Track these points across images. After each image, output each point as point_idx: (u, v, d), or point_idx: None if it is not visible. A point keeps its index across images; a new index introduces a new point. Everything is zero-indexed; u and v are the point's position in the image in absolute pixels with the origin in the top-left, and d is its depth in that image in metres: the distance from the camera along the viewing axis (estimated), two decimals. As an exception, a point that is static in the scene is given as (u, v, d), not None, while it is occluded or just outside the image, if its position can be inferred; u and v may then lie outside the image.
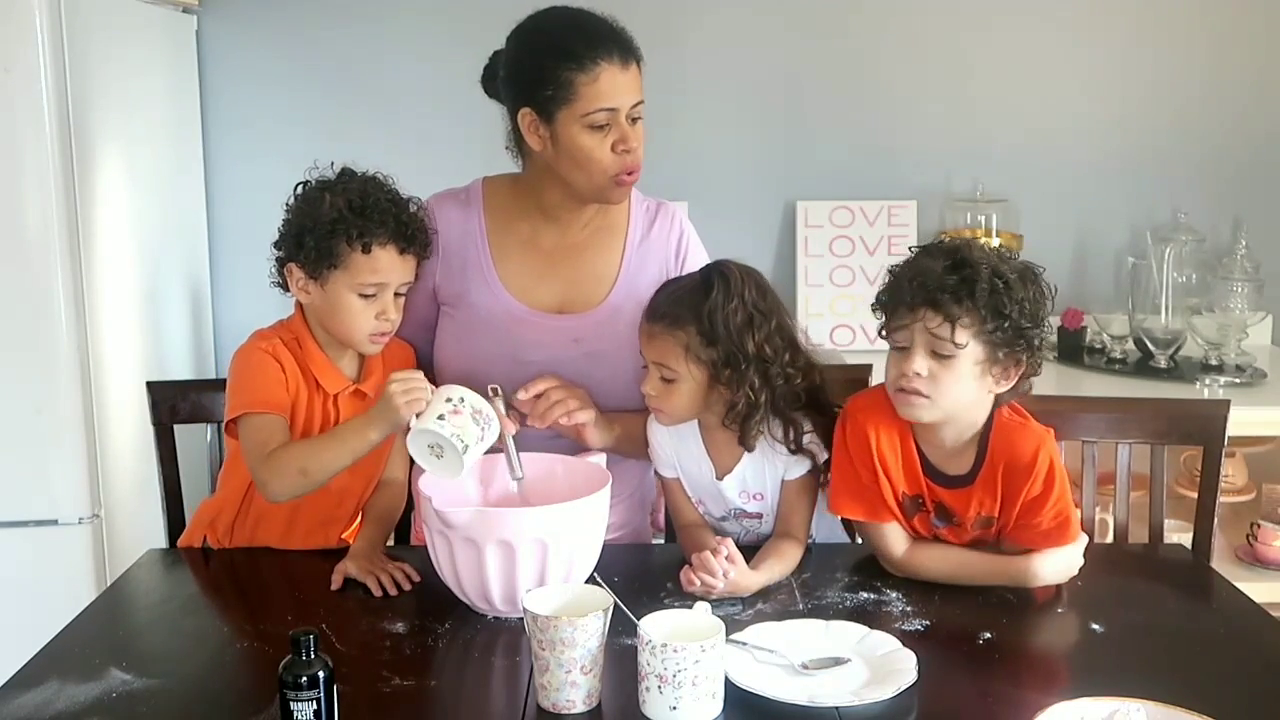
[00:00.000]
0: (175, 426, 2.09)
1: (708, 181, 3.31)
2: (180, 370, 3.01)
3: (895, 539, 1.77)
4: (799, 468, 1.83)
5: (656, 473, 1.95)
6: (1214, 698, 1.39)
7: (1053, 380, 3.11)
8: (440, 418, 1.62)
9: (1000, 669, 1.54)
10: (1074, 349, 3.23)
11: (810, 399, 1.82)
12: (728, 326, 1.73)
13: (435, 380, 1.99)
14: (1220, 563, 2.30)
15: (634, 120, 1.85)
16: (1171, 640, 1.62)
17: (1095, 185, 3.37)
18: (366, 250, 1.79)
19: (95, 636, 1.64)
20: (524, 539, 1.58)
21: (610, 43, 1.83)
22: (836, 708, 1.41)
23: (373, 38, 3.26)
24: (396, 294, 1.85)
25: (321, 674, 1.32)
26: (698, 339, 1.74)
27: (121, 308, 2.72)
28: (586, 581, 1.61)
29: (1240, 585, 1.83)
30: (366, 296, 1.81)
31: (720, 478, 1.85)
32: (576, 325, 1.96)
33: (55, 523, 2.54)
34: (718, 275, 1.78)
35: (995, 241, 3.22)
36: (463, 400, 1.64)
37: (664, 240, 2.03)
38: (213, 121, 3.26)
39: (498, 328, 1.94)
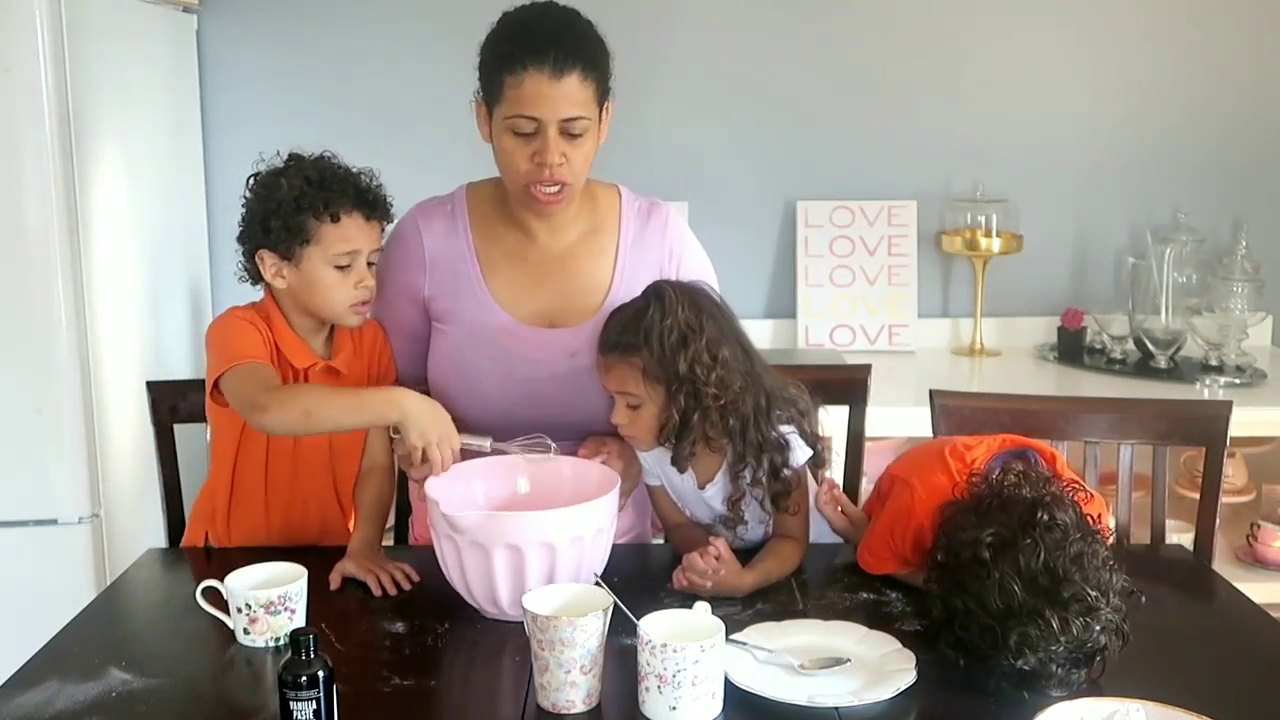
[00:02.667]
0: (175, 426, 2.09)
1: (708, 181, 3.31)
2: (180, 370, 3.00)
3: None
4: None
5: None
6: (1214, 698, 1.39)
7: (1053, 380, 3.11)
8: (246, 632, 1.59)
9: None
10: (1074, 349, 3.23)
11: (741, 427, 1.75)
12: (662, 345, 1.72)
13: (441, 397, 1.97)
14: (1220, 563, 2.30)
15: (571, 136, 1.79)
16: (1171, 640, 1.62)
17: (1095, 185, 3.37)
18: (335, 219, 1.80)
19: (95, 636, 1.64)
20: (531, 542, 1.57)
21: (546, 48, 1.75)
22: (836, 708, 1.41)
23: (373, 38, 3.26)
24: (369, 263, 1.86)
25: (321, 674, 1.32)
26: (652, 361, 1.73)
27: (121, 308, 2.72)
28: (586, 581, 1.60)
29: (1240, 585, 1.84)
30: (341, 268, 1.82)
31: (702, 486, 1.85)
32: (571, 338, 1.92)
33: (55, 523, 2.54)
34: (654, 296, 1.77)
35: (996, 243, 3.23)
36: (249, 605, 1.58)
37: (658, 240, 1.99)
38: (213, 121, 3.27)
39: (491, 344, 1.92)
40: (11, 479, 2.52)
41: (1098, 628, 1.44)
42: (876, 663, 1.50)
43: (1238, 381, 2.99)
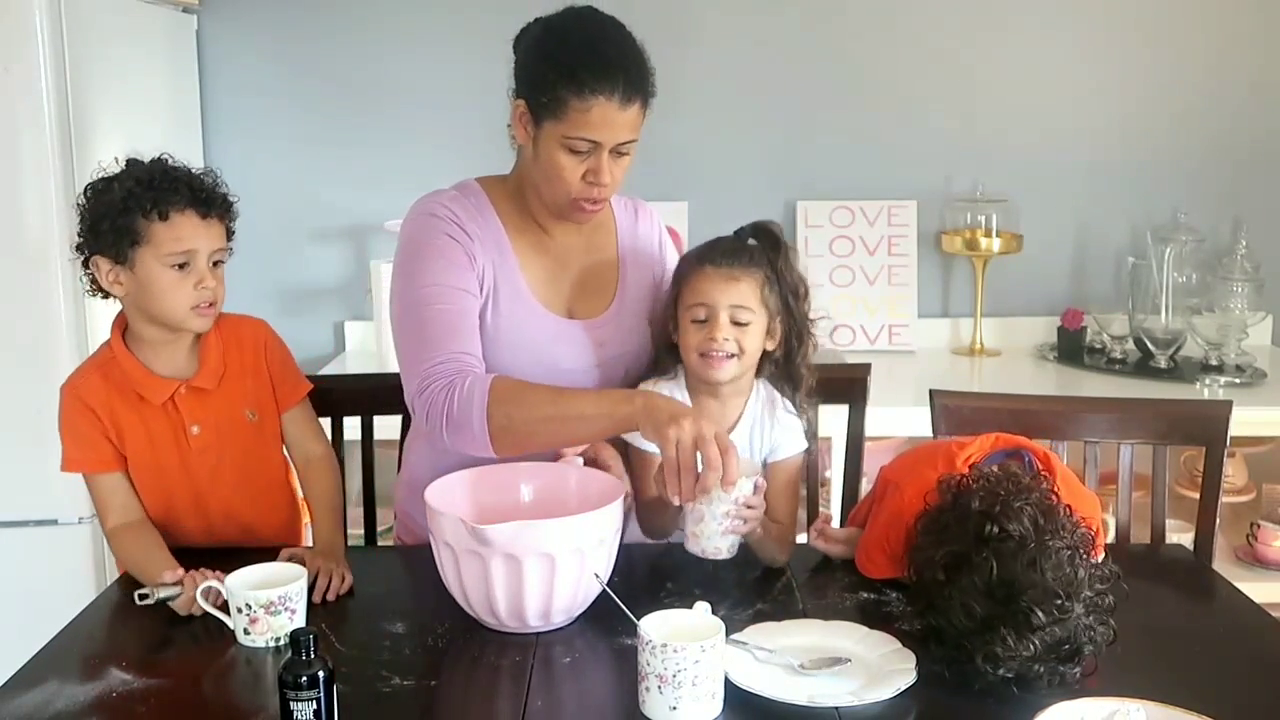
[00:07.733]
0: (175, 426, 2.09)
1: (708, 181, 3.32)
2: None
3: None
4: (784, 449, 1.84)
5: (632, 448, 1.85)
6: (1214, 698, 1.39)
7: (1053, 380, 3.11)
8: (246, 632, 1.59)
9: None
10: (1074, 349, 3.23)
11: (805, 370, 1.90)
12: (787, 261, 1.85)
13: None
14: (1220, 563, 2.30)
15: (619, 155, 1.82)
16: (1171, 640, 1.62)
17: (1095, 185, 3.37)
18: (164, 218, 1.76)
19: (95, 636, 1.64)
20: (563, 549, 1.53)
21: (617, 77, 1.76)
22: (836, 708, 1.41)
23: (373, 38, 3.26)
24: (216, 263, 1.82)
25: (321, 674, 1.32)
26: (771, 280, 1.82)
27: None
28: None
29: (1240, 585, 1.83)
30: (179, 268, 1.77)
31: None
32: (596, 329, 1.93)
33: (55, 522, 2.54)
34: (779, 230, 1.89)
35: (996, 243, 3.23)
36: (249, 605, 1.58)
37: (647, 234, 2.05)
38: (213, 121, 3.27)
39: (534, 338, 1.88)
40: (11, 479, 2.52)
41: (1072, 627, 1.44)
42: (876, 663, 1.50)
43: (1238, 381, 2.99)
